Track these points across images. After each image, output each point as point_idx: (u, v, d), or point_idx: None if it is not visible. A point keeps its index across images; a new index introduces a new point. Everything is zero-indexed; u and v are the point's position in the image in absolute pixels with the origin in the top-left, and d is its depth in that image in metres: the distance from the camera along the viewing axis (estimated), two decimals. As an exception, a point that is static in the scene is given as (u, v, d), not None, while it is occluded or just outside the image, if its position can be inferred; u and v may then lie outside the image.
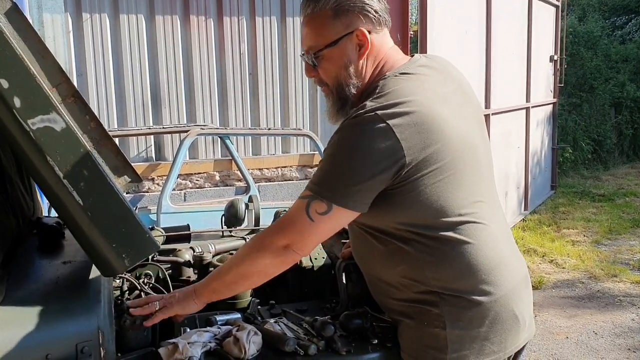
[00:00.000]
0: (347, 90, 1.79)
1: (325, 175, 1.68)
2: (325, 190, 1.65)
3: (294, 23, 5.77)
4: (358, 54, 1.76)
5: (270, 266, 1.76)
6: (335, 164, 1.67)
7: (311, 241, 1.73)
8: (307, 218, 1.67)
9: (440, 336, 1.71)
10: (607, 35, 15.79)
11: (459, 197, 1.72)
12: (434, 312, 1.72)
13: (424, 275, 1.72)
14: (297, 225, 1.70)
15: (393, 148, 1.61)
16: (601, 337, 4.81)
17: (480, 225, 1.75)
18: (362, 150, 1.61)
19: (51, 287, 1.78)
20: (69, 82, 1.78)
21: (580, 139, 12.49)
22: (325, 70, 1.79)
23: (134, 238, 1.65)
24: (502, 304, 1.76)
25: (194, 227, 2.80)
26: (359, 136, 1.62)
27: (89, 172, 1.60)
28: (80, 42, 4.97)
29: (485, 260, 1.74)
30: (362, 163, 1.61)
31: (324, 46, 1.75)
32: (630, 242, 7.45)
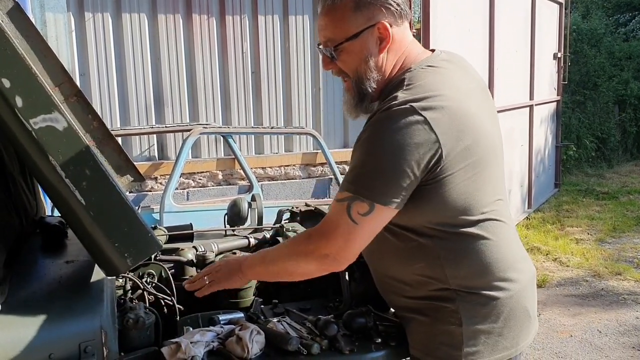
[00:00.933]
0: (367, 84, 1.74)
1: (363, 173, 1.61)
2: (365, 190, 1.59)
3: (296, 21, 5.76)
4: (379, 47, 1.71)
5: (315, 272, 1.75)
6: (372, 161, 1.60)
7: (355, 246, 1.66)
8: (350, 221, 1.61)
9: (455, 333, 1.71)
10: (610, 32, 15.74)
11: (485, 195, 1.72)
12: (450, 308, 1.72)
13: (442, 273, 1.71)
14: (340, 230, 1.63)
15: (431, 141, 1.57)
16: (605, 336, 4.79)
17: (499, 223, 1.76)
18: (399, 145, 1.56)
19: (54, 286, 1.78)
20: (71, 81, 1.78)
21: (584, 136, 12.45)
22: (344, 63, 1.74)
23: (137, 237, 1.65)
24: (517, 300, 1.78)
25: (197, 226, 2.80)
26: (395, 130, 1.57)
27: (91, 171, 1.60)
28: (83, 42, 4.97)
29: (503, 257, 1.76)
30: (401, 158, 1.56)
31: (345, 39, 1.70)
32: (634, 240, 7.43)
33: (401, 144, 1.56)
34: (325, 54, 1.75)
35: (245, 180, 5.48)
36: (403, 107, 1.58)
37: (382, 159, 1.58)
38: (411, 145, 1.56)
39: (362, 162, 1.61)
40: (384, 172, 1.58)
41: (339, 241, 1.64)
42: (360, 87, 1.75)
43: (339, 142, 6.09)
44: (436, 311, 1.74)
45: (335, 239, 1.64)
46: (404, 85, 1.67)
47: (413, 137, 1.56)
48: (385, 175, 1.58)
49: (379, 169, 1.58)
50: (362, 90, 1.75)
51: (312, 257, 1.69)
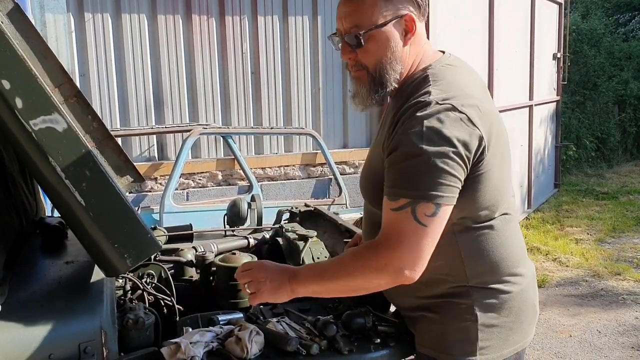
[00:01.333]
0: (390, 75, 1.71)
1: (419, 174, 1.56)
2: (425, 191, 1.55)
3: (296, 22, 5.76)
4: (404, 39, 1.70)
5: (385, 285, 1.66)
6: (426, 161, 1.55)
7: (427, 251, 1.59)
8: (419, 224, 1.56)
9: (471, 328, 1.72)
10: (610, 32, 15.74)
11: (507, 190, 1.76)
12: (465, 305, 1.73)
13: (462, 270, 1.72)
14: (409, 238, 1.57)
15: (476, 136, 1.59)
16: (605, 336, 4.80)
17: (511, 217, 1.80)
18: (451, 142, 1.55)
19: (54, 287, 1.79)
20: (71, 82, 1.78)
21: (583, 136, 12.45)
22: (367, 52, 1.70)
23: (136, 238, 1.66)
24: (526, 294, 1.81)
25: (197, 226, 2.80)
26: (444, 127, 1.56)
27: (91, 172, 1.61)
28: (83, 42, 4.97)
29: (514, 252, 1.79)
30: (455, 155, 1.56)
31: (373, 27, 1.66)
32: (634, 240, 7.44)
33: (453, 140, 1.56)
34: (348, 41, 1.71)
35: (245, 181, 5.48)
36: (444, 105, 1.59)
37: (437, 158, 1.55)
38: (462, 141, 1.56)
39: (415, 163, 1.56)
40: (441, 171, 1.55)
41: (412, 251, 1.57)
42: (381, 77, 1.71)
43: (338, 143, 6.10)
44: (450, 308, 1.75)
45: (407, 249, 1.57)
46: (429, 82, 1.67)
47: (462, 133, 1.57)
48: (442, 173, 1.55)
49: (435, 167, 1.55)
50: (383, 80, 1.71)
51: (385, 272, 1.59)
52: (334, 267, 1.71)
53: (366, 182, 1.85)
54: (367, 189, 1.85)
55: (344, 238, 2.40)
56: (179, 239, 2.58)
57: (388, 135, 1.67)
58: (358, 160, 6.07)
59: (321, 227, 2.66)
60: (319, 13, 5.84)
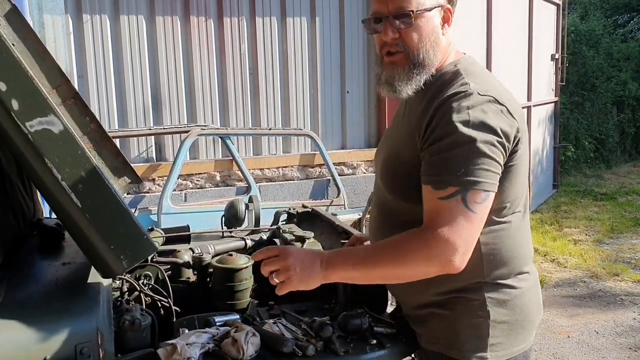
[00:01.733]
0: (430, 58, 1.74)
1: (467, 162, 1.57)
2: (475, 178, 1.57)
3: (294, 23, 5.77)
4: (442, 29, 1.76)
5: (433, 274, 1.63)
6: (474, 149, 1.58)
7: (476, 239, 1.61)
8: (470, 212, 1.57)
9: (482, 325, 1.74)
10: (609, 33, 15.76)
11: (526, 186, 1.79)
12: (478, 300, 1.75)
13: (480, 265, 1.73)
14: (462, 226, 1.57)
15: (515, 128, 1.65)
16: (602, 337, 4.80)
17: (526, 214, 1.84)
18: (494, 131, 1.60)
19: (50, 288, 1.79)
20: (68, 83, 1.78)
21: (582, 137, 12.46)
22: (414, 31, 1.72)
23: (132, 239, 1.66)
24: (534, 291, 1.85)
25: (195, 227, 2.81)
26: (485, 117, 1.60)
27: (87, 174, 1.61)
28: (81, 44, 4.98)
29: (526, 248, 1.84)
30: (497, 143, 1.60)
31: (422, 9, 1.70)
32: (632, 240, 7.44)
33: (497, 130, 1.60)
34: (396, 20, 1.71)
35: (243, 182, 5.49)
36: (485, 97, 1.64)
37: (484, 146, 1.58)
38: (504, 131, 1.62)
39: (463, 151, 1.58)
40: (488, 158, 1.59)
41: (464, 240, 1.57)
42: (423, 59, 1.74)
43: (336, 143, 6.10)
44: (463, 304, 1.76)
45: (459, 238, 1.57)
46: (462, 75, 1.72)
47: (503, 124, 1.62)
48: (489, 160, 1.59)
49: (483, 155, 1.58)
50: (423, 63, 1.74)
51: (436, 262, 1.58)
52: (376, 255, 1.67)
53: (386, 170, 1.85)
54: (387, 177, 1.85)
55: (340, 239, 2.40)
56: (176, 240, 2.58)
57: (423, 124, 1.68)
58: (356, 161, 6.07)
59: (318, 228, 2.66)
60: (317, 14, 5.84)
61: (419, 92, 1.77)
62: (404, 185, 1.75)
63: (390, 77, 1.78)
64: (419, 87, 1.76)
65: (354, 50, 6.00)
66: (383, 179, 1.87)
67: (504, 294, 1.76)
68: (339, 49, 5.96)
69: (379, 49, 1.82)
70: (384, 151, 1.92)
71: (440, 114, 1.64)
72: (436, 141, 1.62)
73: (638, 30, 16.74)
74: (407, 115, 1.84)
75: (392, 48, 1.76)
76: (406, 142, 1.75)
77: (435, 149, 1.62)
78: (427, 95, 1.74)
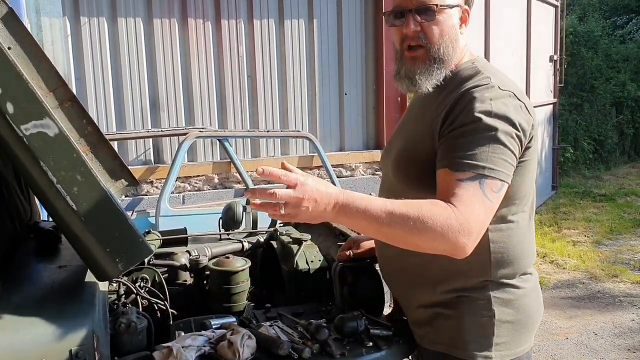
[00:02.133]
0: (450, 54, 1.77)
1: (488, 150, 1.59)
2: (493, 166, 1.58)
3: (291, 25, 5.77)
4: (460, 27, 1.81)
5: (439, 251, 1.57)
6: (495, 138, 1.60)
7: (485, 228, 1.60)
8: (486, 199, 1.57)
9: (487, 324, 1.75)
10: (607, 35, 15.78)
11: (534, 185, 1.80)
12: (483, 300, 1.76)
13: (487, 263, 1.74)
14: (480, 210, 1.55)
15: (530, 124, 1.68)
16: (601, 338, 4.80)
17: (532, 214, 1.85)
18: (514, 124, 1.62)
19: (46, 291, 1.79)
20: (65, 86, 1.79)
21: (581, 138, 12.48)
22: (433, 28, 1.75)
23: (128, 243, 1.66)
24: (537, 292, 1.87)
25: (193, 230, 2.80)
26: (507, 110, 1.63)
27: (83, 177, 1.61)
28: (79, 46, 4.98)
29: (532, 248, 1.85)
30: (516, 137, 1.63)
31: (446, 5, 1.75)
32: (631, 242, 7.45)
33: (516, 123, 1.63)
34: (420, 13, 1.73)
35: (241, 184, 5.48)
36: (506, 91, 1.68)
37: (504, 137, 1.60)
38: (522, 126, 1.64)
39: (483, 139, 1.59)
40: (507, 149, 1.61)
41: (479, 224, 1.55)
42: (443, 54, 1.77)
43: (335, 145, 6.10)
44: (468, 303, 1.77)
45: (476, 221, 1.54)
46: (480, 72, 1.76)
47: (522, 119, 1.65)
48: (507, 151, 1.61)
49: (503, 145, 1.60)
50: (443, 58, 1.77)
51: (451, 238, 1.51)
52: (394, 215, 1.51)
53: (399, 162, 1.85)
54: (400, 169, 1.84)
55: (338, 241, 2.40)
56: (173, 242, 2.58)
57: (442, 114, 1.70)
58: (354, 162, 6.07)
59: (315, 231, 2.66)
60: (315, 16, 5.85)
61: (435, 88, 1.79)
62: (419, 176, 1.75)
63: (410, 71, 1.79)
64: (438, 83, 1.78)
65: (352, 52, 6.01)
66: (395, 172, 1.87)
67: (509, 294, 1.78)
68: (337, 51, 5.96)
69: (398, 43, 1.82)
70: (395, 146, 1.93)
71: (462, 103, 1.66)
72: (457, 127, 1.64)
73: (636, 32, 16.76)
74: (421, 111, 1.85)
75: (413, 42, 1.77)
76: (421, 135, 1.77)
77: (456, 134, 1.63)
78: (445, 90, 1.77)
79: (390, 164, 1.91)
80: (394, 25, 1.80)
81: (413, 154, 1.79)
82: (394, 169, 1.87)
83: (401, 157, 1.85)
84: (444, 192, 1.58)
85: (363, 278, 2.08)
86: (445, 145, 1.64)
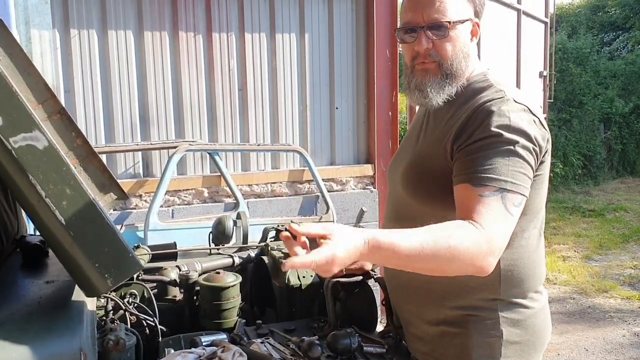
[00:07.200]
0: (462, 68, 1.76)
1: (507, 164, 1.57)
2: (513, 180, 1.56)
3: (283, 39, 5.76)
4: (470, 41, 1.79)
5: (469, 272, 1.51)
6: (513, 152, 1.58)
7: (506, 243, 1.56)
8: (509, 214, 1.54)
9: (495, 344, 1.73)
10: (596, 51, 15.92)
11: (545, 199, 1.79)
12: (492, 319, 1.73)
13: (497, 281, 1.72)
14: (503, 225, 1.53)
15: (545, 139, 1.67)
16: (592, 354, 4.79)
17: (541, 232, 1.82)
18: (530, 138, 1.61)
19: (33, 307, 1.75)
20: (55, 98, 1.76)
21: (570, 154, 12.55)
22: (449, 42, 1.73)
23: (117, 258, 1.63)
24: (545, 311, 1.85)
25: (183, 244, 2.77)
26: (523, 124, 1.61)
27: (72, 190, 1.58)
28: (68, 59, 4.94)
29: (542, 267, 1.83)
30: (533, 151, 1.61)
31: (457, 21, 1.73)
32: (620, 257, 7.46)
33: (532, 138, 1.61)
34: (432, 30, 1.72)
35: (231, 198, 5.45)
36: (520, 105, 1.66)
37: (522, 151, 1.59)
38: (537, 140, 1.63)
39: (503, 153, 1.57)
40: (526, 163, 1.59)
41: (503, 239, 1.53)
42: (455, 69, 1.75)
43: (325, 160, 6.09)
44: (476, 322, 1.74)
45: (501, 237, 1.52)
46: (492, 84, 1.74)
47: (537, 133, 1.63)
48: (526, 165, 1.59)
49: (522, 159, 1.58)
50: (455, 73, 1.75)
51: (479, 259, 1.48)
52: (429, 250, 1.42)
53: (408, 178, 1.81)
54: (410, 184, 1.81)
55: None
56: (162, 257, 2.55)
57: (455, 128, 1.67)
58: (345, 177, 6.06)
59: (307, 246, 2.63)
60: (307, 30, 5.85)
61: (449, 101, 1.77)
62: (430, 189, 1.73)
63: (421, 83, 1.77)
64: (450, 97, 1.76)
65: (344, 66, 6.01)
66: (404, 185, 1.83)
67: (518, 314, 1.75)
68: (328, 65, 5.96)
69: (410, 60, 1.81)
70: (404, 159, 1.89)
71: (479, 116, 1.64)
72: (475, 142, 1.61)
73: (624, 48, 16.92)
74: (431, 125, 1.83)
75: (426, 59, 1.76)
76: (432, 148, 1.75)
77: (474, 148, 1.60)
78: (457, 103, 1.75)
79: (398, 177, 1.88)
80: (404, 42, 1.78)
81: (423, 167, 1.77)
82: (403, 182, 1.84)
83: (410, 170, 1.82)
84: (467, 209, 1.54)
85: (355, 294, 2.06)
86: (463, 160, 1.61)
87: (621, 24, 17.51)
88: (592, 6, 18.95)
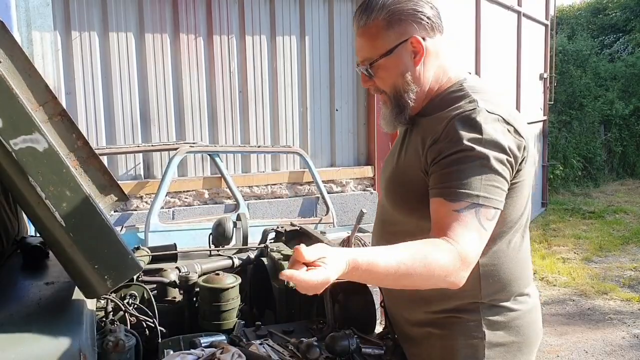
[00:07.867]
0: (406, 96, 1.75)
1: (480, 178, 1.57)
2: (487, 194, 1.56)
3: (283, 41, 5.78)
4: (414, 61, 1.73)
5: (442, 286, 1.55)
6: (485, 165, 1.57)
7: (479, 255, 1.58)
8: (482, 229, 1.56)
9: (478, 346, 1.73)
10: (596, 53, 15.93)
11: (527, 206, 1.78)
12: (474, 321, 1.74)
13: (477, 286, 1.72)
14: (476, 240, 1.55)
15: (522, 147, 1.65)
16: (592, 356, 4.79)
17: (526, 235, 1.83)
18: (504, 149, 1.60)
19: (33, 308, 1.76)
20: (55, 100, 1.77)
21: (570, 156, 12.55)
22: (382, 79, 1.76)
23: (117, 259, 1.64)
24: (535, 314, 1.84)
25: (183, 245, 2.78)
26: (496, 135, 1.60)
27: (72, 192, 1.59)
28: (69, 60, 4.96)
29: (527, 270, 1.83)
30: (507, 162, 1.61)
31: (379, 56, 1.72)
32: (620, 259, 7.46)
33: (506, 148, 1.60)
34: (363, 72, 1.77)
35: (231, 199, 5.46)
36: (493, 115, 1.63)
37: (495, 164, 1.58)
38: (512, 150, 1.62)
39: (475, 167, 1.57)
40: (499, 176, 1.59)
41: (476, 254, 1.55)
42: (399, 100, 1.76)
43: (325, 161, 6.10)
44: (459, 324, 1.75)
45: (474, 252, 1.54)
46: (466, 94, 1.71)
47: (512, 143, 1.62)
48: (499, 178, 1.59)
49: (495, 172, 1.58)
50: (401, 103, 1.76)
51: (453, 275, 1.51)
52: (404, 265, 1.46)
53: (390, 187, 1.86)
54: (390, 194, 1.85)
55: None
56: (162, 258, 2.56)
57: (429, 141, 1.67)
58: (345, 178, 6.07)
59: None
60: (307, 33, 5.86)
61: (422, 114, 1.78)
62: (408, 200, 1.75)
63: (383, 114, 1.85)
64: (405, 124, 1.81)
65: (343, 68, 6.02)
66: (386, 195, 1.88)
67: (501, 316, 1.76)
68: (328, 67, 5.97)
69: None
70: (387, 170, 1.93)
71: (450, 130, 1.63)
72: (448, 155, 1.61)
73: (624, 50, 16.93)
74: (412, 137, 1.83)
75: (378, 93, 1.82)
76: (411, 161, 1.76)
77: (448, 162, 1.60)
78: (433, 116, 1.74)
79: (384, 186, 1.92)
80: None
81: (403, 178, 1.79)
82: (385, 192, 1.89)
83: (391, 181, 1.86)
84: (441, 224, 1.56)
85: (354, 296, 2.07)
86: (438, 174, 1.62)
87: (621, 26, 17.52)
88: (592, 8, 18.97)
